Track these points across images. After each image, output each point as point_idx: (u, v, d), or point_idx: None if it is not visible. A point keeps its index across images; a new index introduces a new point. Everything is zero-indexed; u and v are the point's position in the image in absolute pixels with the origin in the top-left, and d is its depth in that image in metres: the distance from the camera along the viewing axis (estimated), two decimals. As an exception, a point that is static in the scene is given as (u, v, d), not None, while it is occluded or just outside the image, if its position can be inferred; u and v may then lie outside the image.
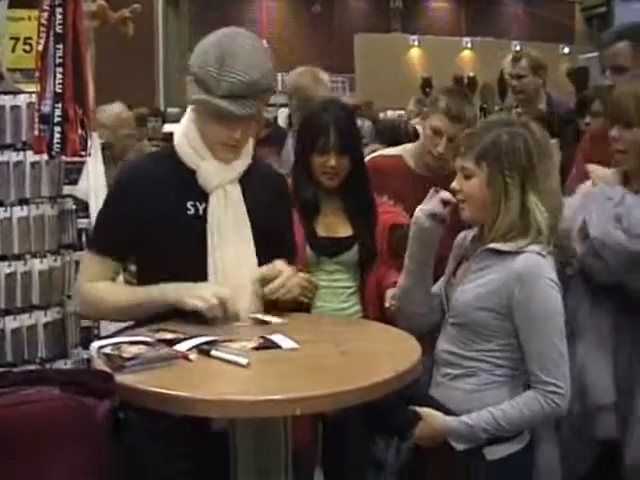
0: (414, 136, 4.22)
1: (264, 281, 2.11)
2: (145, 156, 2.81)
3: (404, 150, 3.23)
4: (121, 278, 2.31)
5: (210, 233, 2.10)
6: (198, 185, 2.13)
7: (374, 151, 3.65)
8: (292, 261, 2.27)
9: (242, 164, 2.18)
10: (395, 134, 5.69)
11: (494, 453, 2.14)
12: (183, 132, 2.18)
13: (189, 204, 2.12)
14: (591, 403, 2.38)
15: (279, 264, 2.14)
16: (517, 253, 2.11)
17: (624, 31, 3.12)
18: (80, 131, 2.93)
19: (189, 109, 2.18)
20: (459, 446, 2.13)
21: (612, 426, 2.37)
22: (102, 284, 2.15)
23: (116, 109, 4.93)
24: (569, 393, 2.11)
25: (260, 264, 2.16)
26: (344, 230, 2.73)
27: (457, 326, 2.21)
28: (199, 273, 2.07)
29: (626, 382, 2.38)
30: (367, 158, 3.09)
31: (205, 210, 2.12)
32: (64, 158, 3.10)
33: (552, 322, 2.10)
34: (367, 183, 2.76)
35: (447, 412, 2.16)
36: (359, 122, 3.66)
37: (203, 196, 2.13)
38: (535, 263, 2.10)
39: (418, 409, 2.16)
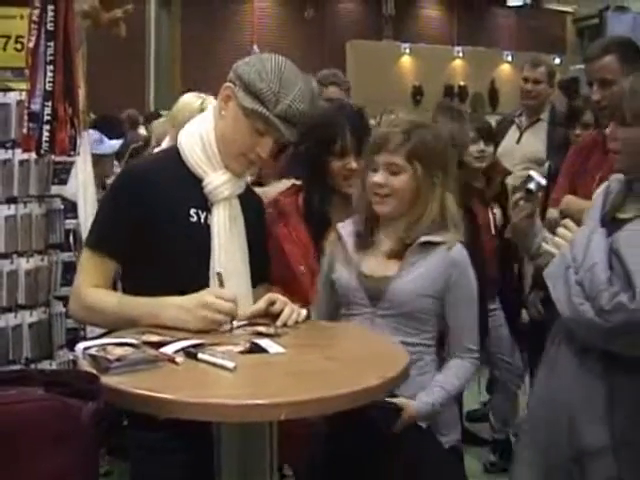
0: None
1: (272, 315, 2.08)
2: (148, 158, 2.78)
3: None
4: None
5: (215, 243, 2.10)
6: (201, 193, 2.13)
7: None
8: (267, 277, 2.31)
9: (246, 180, 2.24)
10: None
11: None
12: (199, 137, 2.14)
13: (192, 211, 2.11)
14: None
15: (273, 295, 2.12)
16: (450, 243, 2.32)
17: (610, 45, 3.13)
18: (70, 130, 2.92)
19: (214, 114, 2.16)
20: (424, 424, 2.29)
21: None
22: (111, 296, 2.09)
23: None
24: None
25: None
26: None
27: (392, 317, 2.30)
28: (199, 281, 2.06)
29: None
30: None
31: (206, 219, 2.12)
32: (53, 158, 3.09)
33: (476, 301, 2.40)
34: None
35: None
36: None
37: (204, 205, 2.13)
38: (465, 253, 2.36)
39: (392, 400, 2.18)
